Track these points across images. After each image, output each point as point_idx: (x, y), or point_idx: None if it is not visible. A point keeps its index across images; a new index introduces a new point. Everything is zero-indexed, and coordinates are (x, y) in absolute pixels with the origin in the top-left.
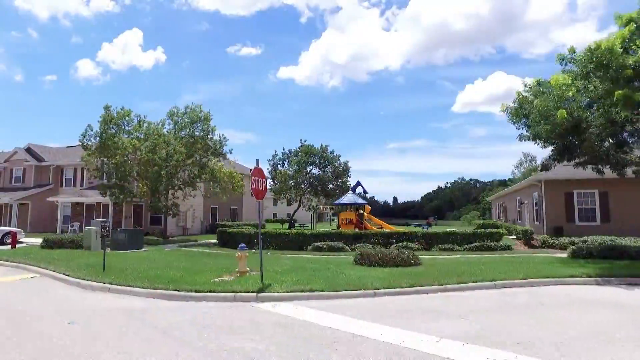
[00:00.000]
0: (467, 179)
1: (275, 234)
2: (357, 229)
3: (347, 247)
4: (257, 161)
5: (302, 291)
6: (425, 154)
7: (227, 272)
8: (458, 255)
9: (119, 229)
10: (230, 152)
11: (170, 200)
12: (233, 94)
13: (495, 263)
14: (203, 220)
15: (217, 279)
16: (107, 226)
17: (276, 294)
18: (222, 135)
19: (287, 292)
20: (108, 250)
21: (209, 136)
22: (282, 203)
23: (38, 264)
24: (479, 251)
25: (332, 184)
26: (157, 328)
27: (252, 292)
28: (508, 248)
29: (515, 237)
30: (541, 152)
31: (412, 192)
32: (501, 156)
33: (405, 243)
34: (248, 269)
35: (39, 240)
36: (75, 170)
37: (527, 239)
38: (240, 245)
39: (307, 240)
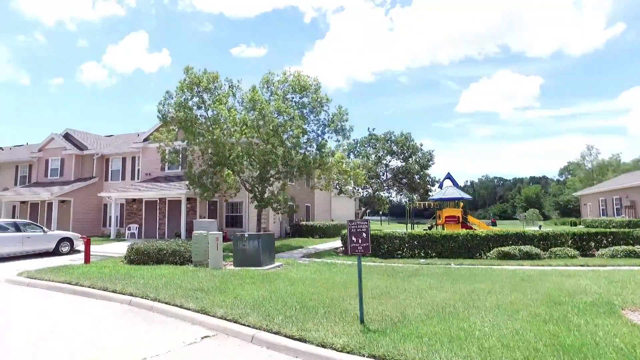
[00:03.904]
0: (491, 177)
1: (437, 238)
2: (464, 228)
3: (541, 252)
4: None
5: None
6: None
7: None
8: None
9: (245, 234)
10: (352, 130)
11: (282, 194)
12: None
13: None
14: (282, 221)
15: None
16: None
17: None
18: (341, 107)
19: None
20: (229, 266)
21: (323, 108)
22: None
23: (174, 300)
24: None
25: (417, 176)
26: None
27: None
28: None
29: None
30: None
31: None
32: (506, 156)
33: (616, 248)
34: None
35: (97, 249)
36: (124, 160)
37: None
38: None
39: (481, 244)
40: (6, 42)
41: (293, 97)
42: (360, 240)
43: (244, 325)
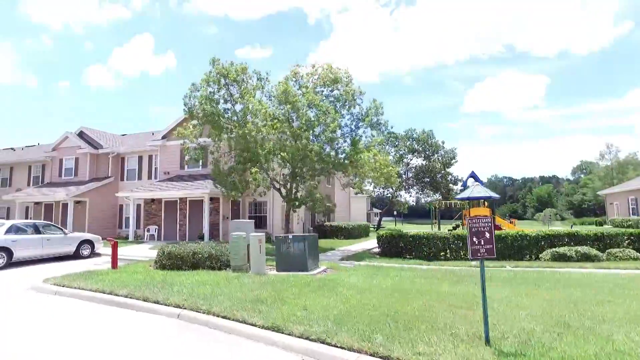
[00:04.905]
0: (500, 176)
1: None
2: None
3: (600, 253)
4: None
5: None
6: None
7: None
8: None
9: (289, 236)
10: (387, 125)
11: (317, 193)
12: None
13: None
14: (304, 221)
15: None
16: None
17: None
18: (376, 100)
19: None
20: (271, 271)
21: (356, 101)
22: None
23: (233, 313)
24: None
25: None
26: None
27: None
28: None
29: None
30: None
31: None
32: (513, 155)
33: None
34: None
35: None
36: (140, 159)
37: None
38: None
39: (531, 245)
40: (15, 46)
41: (322, 91)
42: (482, 242)
43: (337, 347)
